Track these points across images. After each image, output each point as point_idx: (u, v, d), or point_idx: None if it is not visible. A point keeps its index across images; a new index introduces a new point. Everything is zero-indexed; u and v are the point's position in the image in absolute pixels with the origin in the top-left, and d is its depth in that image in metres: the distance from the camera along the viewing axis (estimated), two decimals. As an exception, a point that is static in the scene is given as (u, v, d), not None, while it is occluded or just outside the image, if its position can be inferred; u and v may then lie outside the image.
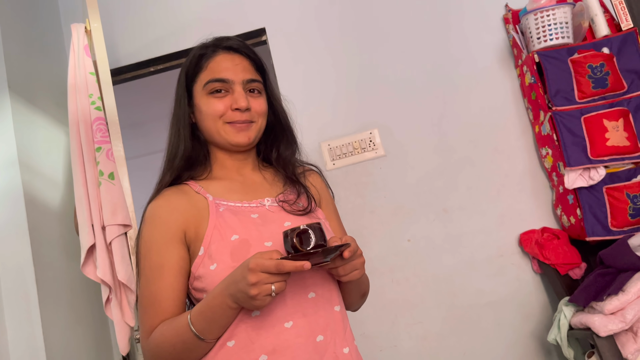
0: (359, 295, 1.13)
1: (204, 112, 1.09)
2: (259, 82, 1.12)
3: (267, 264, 0.83)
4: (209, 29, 2.31)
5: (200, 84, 1.10)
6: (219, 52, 1.11)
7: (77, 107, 1.68)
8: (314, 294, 1.00)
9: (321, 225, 0.90)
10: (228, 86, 1.08)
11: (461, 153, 2.16)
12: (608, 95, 1.87)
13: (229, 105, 1.07)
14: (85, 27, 1.80)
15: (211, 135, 1.10)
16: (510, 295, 2.05)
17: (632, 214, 1.79)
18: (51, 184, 1.94)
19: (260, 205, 1.07)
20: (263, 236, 1.00)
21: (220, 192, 1.08)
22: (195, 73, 1.11)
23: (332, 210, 1.20)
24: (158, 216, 1.04)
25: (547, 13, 1.91)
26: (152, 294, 0.99)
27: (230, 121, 1.07)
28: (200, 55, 1.12)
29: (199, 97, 1.10)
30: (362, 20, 2.29)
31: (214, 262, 0.97)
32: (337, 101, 2.25)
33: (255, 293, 0.84)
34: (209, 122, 1.09)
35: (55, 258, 1.87)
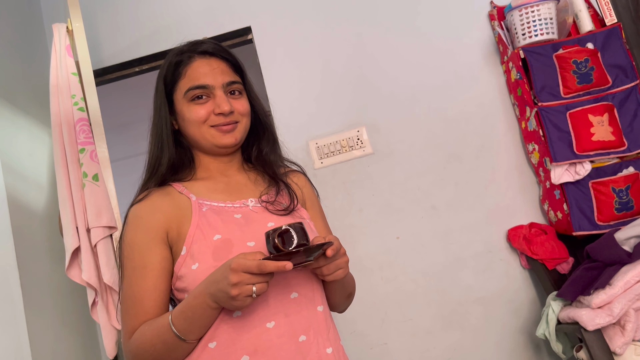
0: (344, 295, 1.13)
1: (187, 119, 1.08)
2: (238, 83, 1.11)
3: (249, 264, 0.82)
4: (194, 28, 2.32)
5: (180, 92, 1.09)
6: (195, 58, 1.10)
7: (59, 108, 1.66)
8: (297, 294, 1.00)
9: (303, 225, 0.89)
10: (208, 91, 1.07)
11: (448, 150, 2.17)
12: (593, 90, 1.88)
13: (211, 110, 1.06)
14: (67, 27, 1.77)
15: (196, 141, 1.10)
16: (499, 290, 2.06)
17: (618, 208, 1.81)
18: (35, 186, 1.91)
19: (244, 206, 1.07)
20: (246, 236, 1.00)
21: (203, 192, 1.07)
22: (174, 81, 1.10)
23: (317, 211, 1.19)
24: (140, 217, 1.03)
25: (531, 9, 1.91)
26: (134, 295, 0.98)
27: (214, 124, 1.07)
28: (177, 62, 1.11)
29: (180, 105, 1.09)
30: (348, 18, 2.28)
31: (196, 261, 0.97)
32: (325, 99, 2.24)
33: (236, 293, 0.83)
34: (194, 128, 1.08)
35: (40, 261, 1.84)
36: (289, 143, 2.17)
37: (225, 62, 1.12)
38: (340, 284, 1.07)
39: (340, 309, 1.16)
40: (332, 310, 1.13)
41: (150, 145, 1.13)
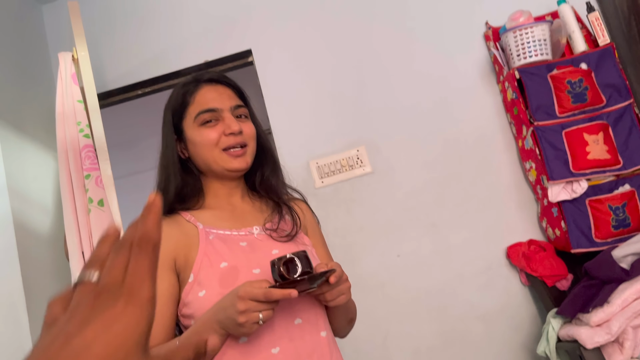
0: (346, 320, 1.16)
1: (198, 143, 1.12)
2: (244, 107, 1.17)
3: (256, 292, 0.86)
4: (195, 51, 2.37)
5: (190, 118, 1.13)
6: (202, 86, 1.15)
7: (65, 135, 1.69)
8: (301, 319, 1.02)
9: (307, 253, 0.93)
10: (217, 115, 1.11)
11: (447, 168, 2.20)
12: (587, 109, 1.92)
13: (222, 131, 1.11)
14: (72, 55, 1.82)
15: (208, 165, 1.13)
16: (500, 307, 2.08)
17: (615, 225, 1.83)
18: (40, 209, 1.95)
19: (249, 234, 1.10)
20: (251, 264, 1.03)
21: (210, 221, 1.11)
22: (183, 109, 1.15)
23: (318, 238, 1.23)
24: None
25: (525, 31, 1.96)
26: None
27: (225, 147, 1.11)
28: (184, 92, 1.15)
29: (190, 131, 1.13)
30: (346, 39, 2.32)
31: (203, 288, 0.99)
32: (324, 119, 2.28)
33: (243, 320, 0.86)
34: (205, 152, 1.12)
35: (46, 284, 1.87)
36: (290, 163, 2.24)
37: (230, 89, 1.18)
38: (342, 309, 1.10)
39: (342, 334, 1.19)
40: (335, 335, 1.16)
41: (158, 175, 1.17)
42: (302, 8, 2.36)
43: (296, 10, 2.36)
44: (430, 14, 2.30)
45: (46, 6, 2.45)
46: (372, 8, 2.33)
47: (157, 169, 1.17)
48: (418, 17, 2.30)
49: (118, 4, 2.44)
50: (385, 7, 2.32)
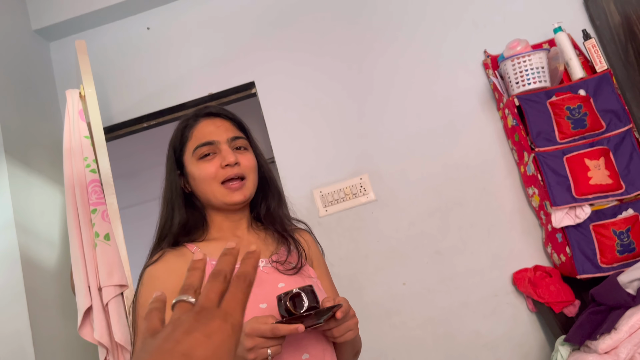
0: (352, 353, 1.16)
1: (197, 177, 1.13)
2: (243, 139, 1.18)
3: (263, 328, 0.86)
4: (198, 83, 2.41)
5: (189, 152, 1.15)
6: (200, 120, 1.17)
7: (72, 171, 1.72)
8: (308, 354, 1.02)
9: (313, 288, 0.93)
10: (215, 147, 1.13)
11: (450, 195, 2.21)
12: (588, 135, 1.93)
13: (219, 164, 1.12)
14: (79, 92, 1.86)
15: (207, 199, 1.14)
16: (507, 335, 2.06)
17: (620, 250, 1.83)
18: (47, 244, 1.96)
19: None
20: (257, 298, 1.03)
21: (216, 253, 1.11)
22: (183, 144, 1.17)
23: (323, 269, 1.23)
24: (156, 277, 1.06)
25: (523, 59, 1.99)
26: None
27: (223, 180, 1.12)
28: (184, 127, 1.18)
29: (190, 165, 1.15)
30: (349, 70, 2.37)
31: None
32: (327, 148, 2.30)
33: (252, 357, 0.87)
34: (204, 186, 1.13)
35: (53, 319, 1.87)
36: (294, 192, 2.25)
37: (229, 121, 1.19)
38: (349, 343, 1.10)
39: None
40: None
41: (161, 210, 1.19)
42: (303, 39, 2.41)
43: (297, 41, 2.41)
44: (429, 43, 2.34)
45: (53, 43, 2.51)
46: (371, 38, 2.37)
47: (160, 203, 1.19)
48: (417, 47, 2.34)
49: (124, 40, 2.50)
50: (385, 38, 2.37)
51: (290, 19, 2.43)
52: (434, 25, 2.35)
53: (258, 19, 2.45)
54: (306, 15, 2.43)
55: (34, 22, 2.40)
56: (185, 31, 2.48)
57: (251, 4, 2.46)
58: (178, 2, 2.50)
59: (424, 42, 2.35)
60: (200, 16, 2.48)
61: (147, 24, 2.50)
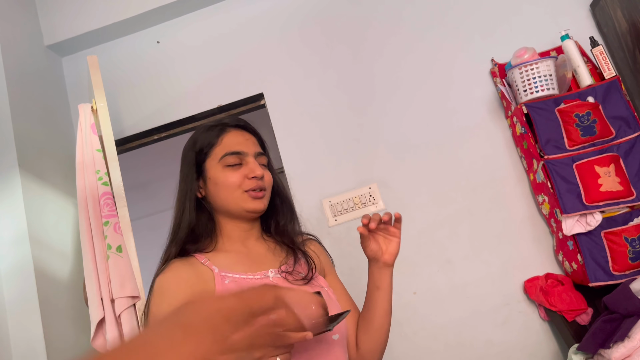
0: (388, 322, 1.17)
1: (221, 183, 1.15)
2: (265, 156, 1.21)
3: None
4: (208, 96, 2.44)
5: (214, 158, 1.17)
6: (229, 130, 1.20)
7: (85, 184, 1.75)
8: None
9: (321, 295, 0.93)
10: (242, 158, 1.16)
11: (460, 203, 2.21)
12: (597, 142, 1.93)
13: (244, 175, 1.14)
14: (91, 107, 1.89)
15: (226, 205, 1.16)
16: (520, 344, 2.04)
17: (632, 257, 1.81)
18: (60, 256, 1.99)
19: (265, 277, 1.11)
20: None
21: (225, 264, 1.12)
22: (209, 149, 1.19)
23: (334, 278, 1.24)
24: (167, 288, 1.06)
25: (531, 67, 1.99)
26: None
27: (247, 189, 1.14)
28: (212, 133, 1.20)
29: (214, 171, 1.16)
30: (357, 80, 2.38)
31: None
32: (336, 158, 2.31)
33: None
34: (227, 193, 1.15)
35: (66, 331, 1.89)
36: (303, 202, 2.26)
37: (254, 136, 1.22)
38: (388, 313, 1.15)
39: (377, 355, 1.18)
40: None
41: (176, 210, 1.20)
42: (311, 50, 2.43)
43: (305, 52, 2.43)
44: (437, 53, 2.35)
45: (65, 59, 2.55)
46: (379, 49, 2.39)
47: (174, 204, 1.20)
48: (425, 56, 2.36)
49: (135, 54, 2.53)
50: (392, 48, 2.38)
51: (298, 29, 2.46)
52: (441, 35, 2.36)
53: (266, 32, 2.48)
54: (314, 25, 2.45)
55: (46, 38, 2.44)
56: (195, 44, 2.51)
57: (258, 16, 2.49)
58: (187, 16, 2.54)
59: (431, 52, 2.36)
60: (208, 29, 2.51)
61: (157, 38, 2.54)
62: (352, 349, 1.17)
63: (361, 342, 1.17)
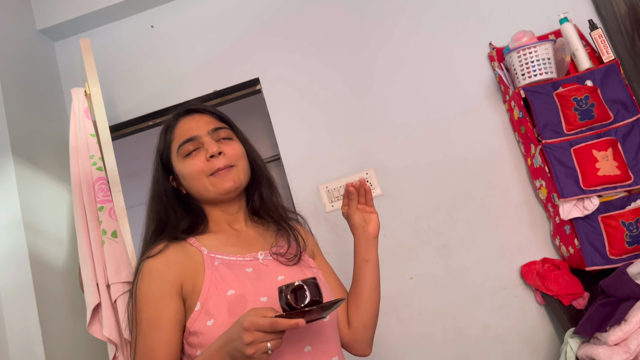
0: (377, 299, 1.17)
1: (186, 175, 1.14)
2: (225, 129, 1.18)
3: (262, 322, 0.83)
4: (203, 80, 2.41)
5: (174, 153, 1.16)
6: (180, 119, 1.18)
7: (79, 169, 1.73)
8: (310, 347, 1.02)
9: (316, 281, 0.91)
10: (198, 142, 1.13)
11: (457, 188, 2.20)
12: (595, 126, 1.92)
13: (204, 158, 1.12)
14: (85, 91, 1.87)
15: (200, 194, 1.15)
16: (516, 328, 2.05)
17: (630, 242, 1.81)
18: (55, 242, 1.97)
19: (254, 259, 1.10)
20: (258, 291, 1.02)
21: (214, 246, 1.11)
22: (167, 147, 1.18)
23: (322, 259, 1.25)
24: (155, 269, 1.05)
25: (529, 50, 1.97)
26: (148, 348, 1.00)
27: (211, 173, 1.12)
28: (166, 129, 1.19)
29: (178, 165, 1.16)
30: (354, 66, 2.36)
31: (211, 317, 0.99)
32: (333, 144, 2.30)
33: (251, 352, 0.84)
34: (195, 182, 1.13)
35: (62, 317, 1.88)
36: (300, 188, 2.25)
37: (208, 115, 1.19)
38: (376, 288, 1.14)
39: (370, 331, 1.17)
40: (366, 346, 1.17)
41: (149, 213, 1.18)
42: (307, 36, 2.40)
43: (301, 37, 2.40)
44: (434, 37, 2.33)
45: (58, 43, 2.52)
46: (376, 32, 2.36)
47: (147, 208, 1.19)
48: (422, 40, 2.33)
49: (129, 38, 2.50)
50: (389, 32, 2.36)
51: (294, 13, 2.43)
52: (438, 18, 2.34)
53: (261, 15, 2.44)
54: (310, 9, 2.42)
55: (38, 22, 2.41)
56: (189, 28, 2.48)
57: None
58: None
59: (428, 36, 2.33)
60: (204, 13, 2.48)
61: (151, 22, 2.50)
62: (344, 327, 1.16)
63: (352, 317, 1.17)
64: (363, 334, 1.16)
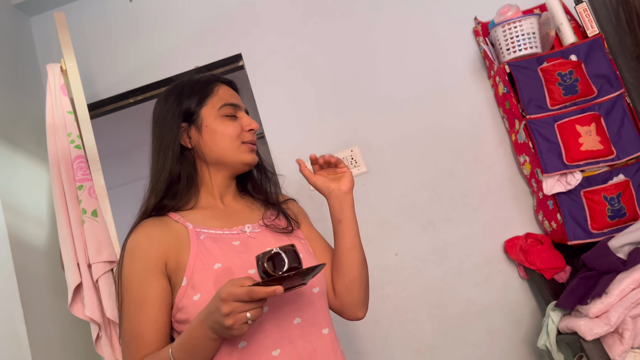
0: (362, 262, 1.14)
1: (219, 132, 1.12)
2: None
3: (239, 292, 0.81)
4: (185, 56, 2.36)
5: (212, 107, 1.14)
6: (220, 83, 1.19)
7: (56, 147, 1.69)
8: (300, 319, 1.01)
9: (295, 247, 0.89)
10: (240, 112, 1.17)
11: (441, 165, 2.19)
12: (579, 100, 1.92)
13: (241, 126, 1.14)
14: (60, 66, 1.81)
15: (224, 155, 1.12)
16: (500, 302, 2.07)
17: (611, 216, 1.83)
18: (35, 222, 1.94)
19: (241, 232, 1.09)
20: (245, 264, 1.01)
21: (200, 221, 1.09)
22: (204, 97, 1.15)
23: (312, 230, 1.22)
24: (138, 248, 1.03)
25: (514, 25, 1.95)
26: (134, 328, 0.99)
27: (245, 141, 1.14)
28: (208, 82, 1.18)
29: (211, 119, 1.13)
30: (338, 42, 2.32)
31: (197, 292, 0.97)
32: (317, 121, 2.28)
33: (230, 323, 0.82)
34: (225, 142, 1.12)
35: (44, 297, 1.86)
36: (284, 166, 2.23)
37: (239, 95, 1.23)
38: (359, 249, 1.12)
39: (355, 293, 1.14)
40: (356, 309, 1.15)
41: (157, 160, 1.13)
42: (290, 11, 2.36)
43: (285, 13, 2.36)
44: (419, 11, 2.30)
45: (34, 18, 2.44)
46: (360, 8, 2.33)
47: (151, 155, 1.15)
48: (406, 15, 2.30)
49: (107, 13, 2.43)
50: (373, 8, 2.32)
51: (276, -12, 2.38)
52: (423, -7, 2.31)
53: (243, -11, 2.39)
54: (293, -16, 2.37)
55: (13, -4, 2.33)
56: (168, 2, 2.42)
57: (236, -27, 2.40)
58: (161, -27, 2.44)
59: (413, 10, 2.30)
60: (184, -13, 2.42)
61: (129, -3, 2.44)
62: (331, 295, 1.15)
63: (334, 282, 1.15)
64: (348, 298, 1.13)
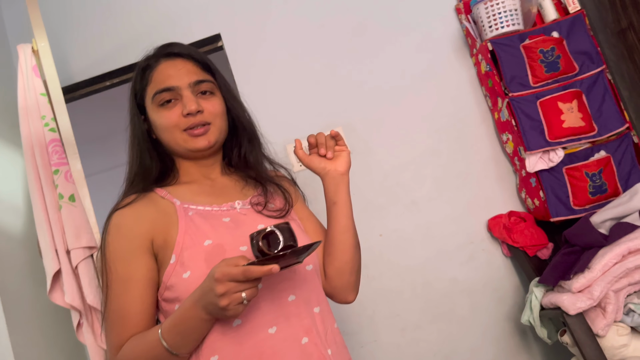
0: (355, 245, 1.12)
1: (158, 125, 1.07)
2: (208, 82, 1.09)
3: (234, 272, 0.79)
4: (162, 37, 2.27)
5: (149, 98, 1.08)
6: (160, 61, 1.09)
7: (30, 131, 1.63)
8: (294, 296, 0.99)
9: (290, 225, 0.87)
10: (176, 93, 1.05)
11: (424, 145, 2.19)
12: (561, 78, 1.91)
13: (181, 112, 1.04)
14: (32, 47, 1.75)
15: (171, 147, 1.09)
16: (483, 280, 2.09)
17: (592, 192, 1.84)
18: (11, 209, 1.88)
19: (231, 209, 1.05)
20: (237, 241, 0.98)
21: (188, 196, 1.06)
22: (143, 88, 1.09)
23: (306, 210, 1.19)
24: (123, 225, 1.00)
25: (496, 2, 1.94)
26: (119, 308, 0.96)
27: (186, 128, 1.05)
28: (144, 68, 1.10)
29: (151, 112, 1.08)
30: (318, 20, 2.28)
31: (187, 269, 0.94)
32: (299, 102, 2.25)
33: (225, 304, 0.80)
34: (166, 134, 1.07)
35: (22, 285, 1.82)
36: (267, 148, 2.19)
37: (192, 62, 1.10)
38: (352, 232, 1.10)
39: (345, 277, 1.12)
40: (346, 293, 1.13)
41: (130, 157, 1.11)
42: (270, -11, 2.31)
43: (264, -9, 2.31)
44: (401, -11, 2.27)
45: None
46: (341, -14, 2.29)
47: (128, 148, 1.12)
48: (388, -7, 2.27)
49: (79, -8, 2.35)
50: (354, -16, 2.28)
51: (255, -34, 2.32)
52: (404, -30, 2.27)
53: (221, -33, 2.33)
54: (272, -38, 2.32)
55: (-21, -25, 2.24)
56: (145, -18, 2.35)
57: (213, -49, 2.34)
58: (135, -50, 2.36)
59: (394, -12, 2.27)
60: (159, -35, 2.34)
61: (103, -25, 2.36)
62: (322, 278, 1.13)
63: (326, 266, 1.12)
64: (339, 281, 1.11)
